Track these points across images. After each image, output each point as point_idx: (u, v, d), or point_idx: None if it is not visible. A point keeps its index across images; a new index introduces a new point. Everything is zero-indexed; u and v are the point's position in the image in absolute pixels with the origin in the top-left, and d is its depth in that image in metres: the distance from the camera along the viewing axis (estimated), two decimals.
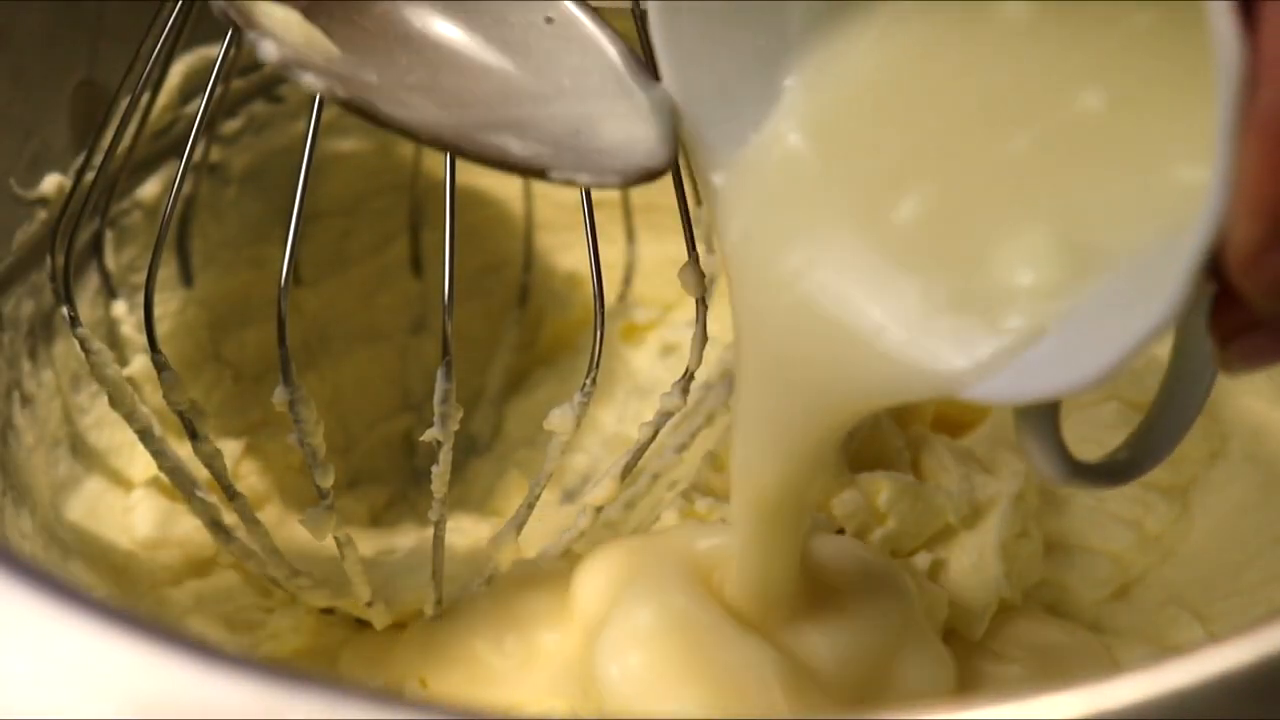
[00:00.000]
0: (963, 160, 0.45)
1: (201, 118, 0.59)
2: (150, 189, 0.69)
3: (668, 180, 0.58)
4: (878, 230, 0.45)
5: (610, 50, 0.50)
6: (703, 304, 0.58)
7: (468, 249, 0.60)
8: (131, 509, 0.66)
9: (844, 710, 0.54)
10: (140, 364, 0.65)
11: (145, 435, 0.61)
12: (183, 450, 0.62)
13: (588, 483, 0.71)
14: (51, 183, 0.64)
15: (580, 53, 0.50)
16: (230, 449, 0.69)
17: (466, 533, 0.68)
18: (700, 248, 0.58)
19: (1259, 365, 0.41)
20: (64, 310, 0.60)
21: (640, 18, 0.59)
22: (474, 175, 0.78)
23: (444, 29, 0.49)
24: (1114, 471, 0.48)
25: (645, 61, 0.58)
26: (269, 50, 0.44)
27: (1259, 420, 0.67)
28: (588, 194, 0.56)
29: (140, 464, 0.66)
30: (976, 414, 0.69)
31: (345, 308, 0.77)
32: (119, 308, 0.68)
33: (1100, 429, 0.66)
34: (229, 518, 0.62)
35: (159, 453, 0.61)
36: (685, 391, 0.59)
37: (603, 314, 0.56)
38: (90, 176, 0.61)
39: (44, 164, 0.64)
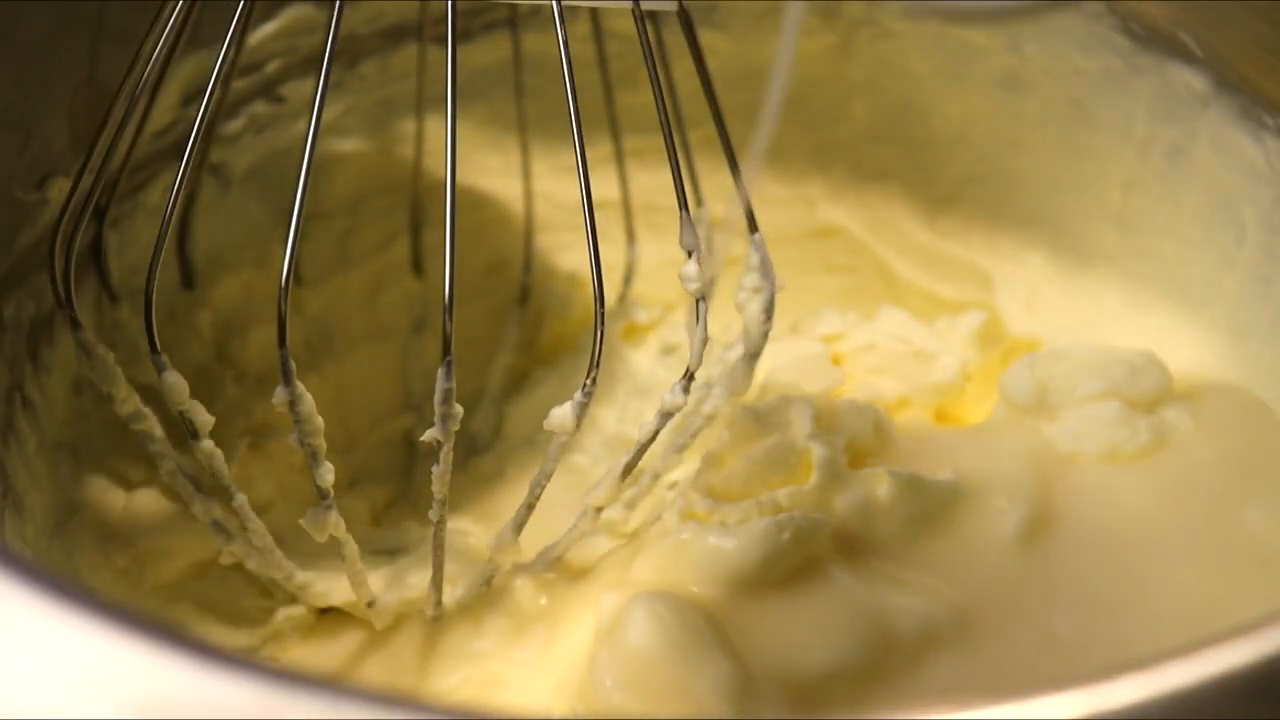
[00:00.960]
0: None
1: (202, 119, 0.59)
2: (151, 190, 0.69)
3: (668, 181, 0.58)
4: None
5: None
6: (703, 304, 0.58)
7: (468, 249, 0.60)
8: (132, 509, 0.66)
9: (844, 710, 0.55)
10: (142, 366, 0.65)
11: (146, 437, 0.61)
12: (183, 451, 0.62)
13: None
14: (52, 184, 0.64)
15: None
16: (231, 449, 0.69)
17: (466, 533, 0.68)
18: (700, 247, 0.58)
19: None
20: (65, 312, 0.60)
21: (640, 18, 0.59)
22: (475, 176, 0.78)
23: None
24: None
25: (647, 61, 0.59)
26: None
27: None
28: (588, 195, 0.56)
29: (140, 464, 0.66)
30: (976, 414, 0.69)
31: (346, 308, 0.77)
32: (120, 310, 0.68)
33: (1101, 427, 0.66)
34: (229, 518, 0.62)
35: (160, 454, 0.61)
36: (685, 391, 0.59)
37: (603, 314, 0.56)
38: (91, 178, 0.61)
39: (45, 165, 0.64)
